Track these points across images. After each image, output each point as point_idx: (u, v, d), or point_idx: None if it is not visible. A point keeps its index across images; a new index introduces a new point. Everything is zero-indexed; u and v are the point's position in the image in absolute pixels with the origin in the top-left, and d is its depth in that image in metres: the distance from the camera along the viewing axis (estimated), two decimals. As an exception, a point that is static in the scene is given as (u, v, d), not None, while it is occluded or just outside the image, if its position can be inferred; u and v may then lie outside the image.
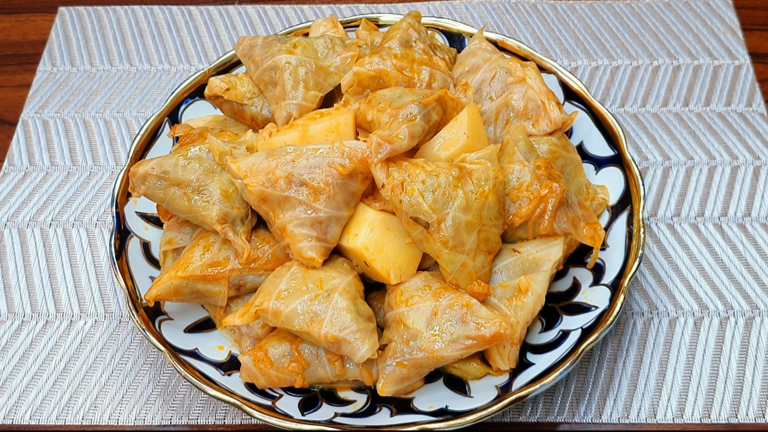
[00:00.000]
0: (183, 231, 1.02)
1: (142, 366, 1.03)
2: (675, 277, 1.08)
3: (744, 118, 1.24)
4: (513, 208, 0.95)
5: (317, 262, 0.92)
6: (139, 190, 0.97)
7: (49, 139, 1.24)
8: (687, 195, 1.16)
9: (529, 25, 1.37)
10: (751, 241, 1.12)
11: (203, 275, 0.95)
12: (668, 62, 1.31)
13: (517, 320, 0.92)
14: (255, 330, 0.96)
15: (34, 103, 1.29)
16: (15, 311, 1.08)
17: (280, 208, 0.92)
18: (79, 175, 1.21)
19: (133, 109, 1.28)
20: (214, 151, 0.96)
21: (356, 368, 0.93)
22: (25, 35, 1.40)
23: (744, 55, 1.31)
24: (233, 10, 1.41)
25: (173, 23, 1.39)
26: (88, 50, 1.36)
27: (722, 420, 0.97)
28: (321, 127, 0.96)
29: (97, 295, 1.09)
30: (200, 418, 0.99)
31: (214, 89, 1.06)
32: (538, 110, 1.02)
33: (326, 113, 0.99)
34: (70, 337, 1.05)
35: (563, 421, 0.98)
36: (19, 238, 1.14)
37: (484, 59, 1.07)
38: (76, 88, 1.31)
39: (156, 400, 1.00)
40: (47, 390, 1.01)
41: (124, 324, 1.06)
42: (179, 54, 1.35)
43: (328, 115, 0.98)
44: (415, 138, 0.93)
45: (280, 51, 1.04)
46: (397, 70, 1.02)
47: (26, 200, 1.18)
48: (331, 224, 0.92)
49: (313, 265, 0.93)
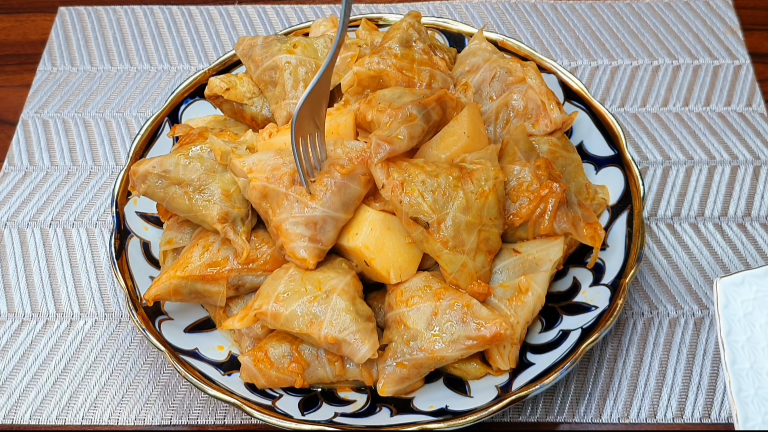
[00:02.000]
0: (183, 231, 1.02)
1: (142, 366, 1.03)
2: (675, 277, 1.08)
3: (744, 118, 1.24)
4: (513, 208, 0.95)
5: (309, 264, 0.92)
6: (140, 189, 0.97)
7: (49, 139, 1.24)
8: (687, 195, 1.16)
9: (529, 25, 1.37)
10: (751, 240, 1.12)
11: (202, 275, 0.95)
12: (668, 62, 1.31)
13: (517, 320, 0.92)
14: (255, 330, 0.96)
15: (34, 103, 1.29)
16: (15, 311, 1.08)
17: (278, 205, 0.92)
18: (79, 175, 1.21)
19: (133, 109, 1.28)
20: (216, 150, 0.96)
21: (356, 368, 0.93)
22: (25, 35, 1.40)
23: (744, 55, 1.31)
24: (233, 10, 1.41)
25: (173, 23, 1.39)
26: (88, 50, 1.36)
27: (722, 420, 0.97)
28: (321, 127, 0.97)
29: (97, 295, 1.09)
30: (200, 418, 0.99)
31: (214, 89, 1.06)
32: (538, 110, 1.02)
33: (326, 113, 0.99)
34: (70, 337, 1.05)
35: (563, 421, 0.98)
36: (19, 237, 1.14)
37: (484, 59, 1.06)
38: (76, 87, 1.31)
39: (156, 400, 1.00)
40: (47, 390, 1.01)
41: (124, 324, 1.06)
42: (179, 54, 1.35)
43: (328, 115, 0.98)
44: (415, 138, 0.93)
45: (280, 51, 1.04)
46: (397, 70, 1.02)
47: (26, 200, 1.18)
48: (326, 225, 0.92)
49: (305, 266, 0.92)
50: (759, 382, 0.85)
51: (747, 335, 0.87)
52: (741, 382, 0.84)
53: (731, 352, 0.86)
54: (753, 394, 0.84)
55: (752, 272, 0.90)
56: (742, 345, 0.86)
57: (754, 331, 0.88)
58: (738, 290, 0.89)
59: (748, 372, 0.85)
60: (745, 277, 0.89)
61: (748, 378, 0.85)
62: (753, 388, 0.84)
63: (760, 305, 0.89)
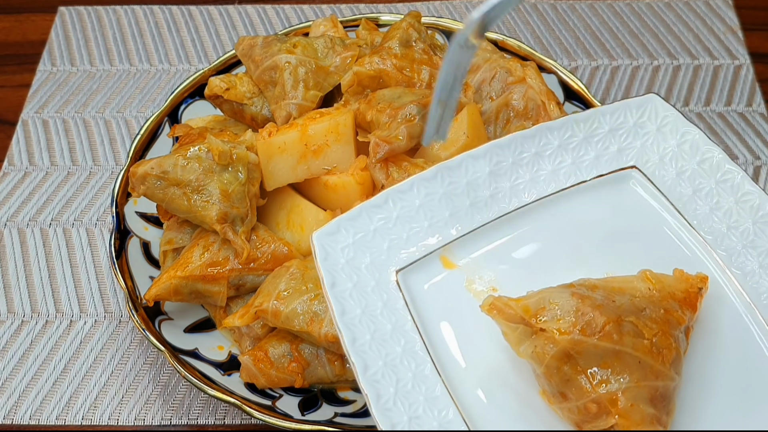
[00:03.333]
0: (183, 231, 1.02)
1: (142, 366, 1.03)
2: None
3: (744, 118, 1.24)
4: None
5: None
6: (139, 190, 0.97)
7: (49, 138, 1.24)
8: (687, 195, 1.16)
9: (529, 24, 1.37)
10: (751, 241, 1.11)
11: (202, 275, 0.95)
12: (668, 62, 1.31)
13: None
14: (255, 330, 0.96)
15: (33, 103, 1.29)
16: (15, 311, 1.08)
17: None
18: (78, 175, 1.20)
19: (132, 109, 1.28)
20: (214, 150, 0.96)
21: (356, 368, 0.93)
22: (24, 35, 1.39)
23: (744, 55, 1.31)
24: (233, 10, 1.41)
25: (173, 23, 1.39)
26: (87, 50, 1.36)
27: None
28: (321, 127, 0.96)
29: (97, 295, 1.09)
30: (200, 418, 0.99)
31: (214, 89, 1.06)
32: (538, 110, 1.02)
33: (326, 113, 0.99)
34: (69, 337, 1.05)
35: (563, 421, 0.98)
36: (19, 237, 1.14)
37: (483, 59, 1.06)
38: (76, 87, 1.31)
39: (156, 400, 1.00)
40: (47, 390, 1.01)
41: (124, 324, 1.06)
42: (179, 54, 1.35)
43: (328, 114, 0.98)
44: (414, 138, 0.93)
45: (279, 51, 1.04)
46: (397, 70, 1.02)
47: (26, 200, 1.18)
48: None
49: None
50: (374, 325, 0.81)
51: (353, 281, 0.83)
52: (354, 332, 0.79)
53: (339, 303, 0.81)
54: (369, 340, 0.80)
55: (344, 216, 0.85)
56: (350, 292, 0.82)
57: (361, 275, 0.84)
58: (335, 239, 0.84)
59: (360, 318, 0.81)
60: (340, 223, 0.85)
61: (361, 324, 0.80)
62: (369, 333, 0.80)
63: (361, 247, 0.85)
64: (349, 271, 0.83)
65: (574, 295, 0.78)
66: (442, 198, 0.88)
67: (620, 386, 0.75)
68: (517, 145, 0.91)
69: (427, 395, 0.78)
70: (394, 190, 0.87)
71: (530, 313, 0.77)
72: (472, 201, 0.89)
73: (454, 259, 0.87)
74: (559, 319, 0.76)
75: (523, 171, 0.91)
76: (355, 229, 0.85)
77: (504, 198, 0.90)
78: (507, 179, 0.90)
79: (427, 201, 0.87)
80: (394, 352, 0.79)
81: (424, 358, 0.80)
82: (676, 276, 0.83)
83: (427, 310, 0.84)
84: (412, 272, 0.86)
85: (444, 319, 0.84)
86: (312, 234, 0.84)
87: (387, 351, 0.79)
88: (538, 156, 0.91)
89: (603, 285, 0.80)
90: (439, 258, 0.87)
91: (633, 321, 0.77)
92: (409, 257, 0.86)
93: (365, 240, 0.85)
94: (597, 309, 0.77)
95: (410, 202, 0.87)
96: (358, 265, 0.84)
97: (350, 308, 0.80)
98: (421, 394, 0.78)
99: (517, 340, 0.78)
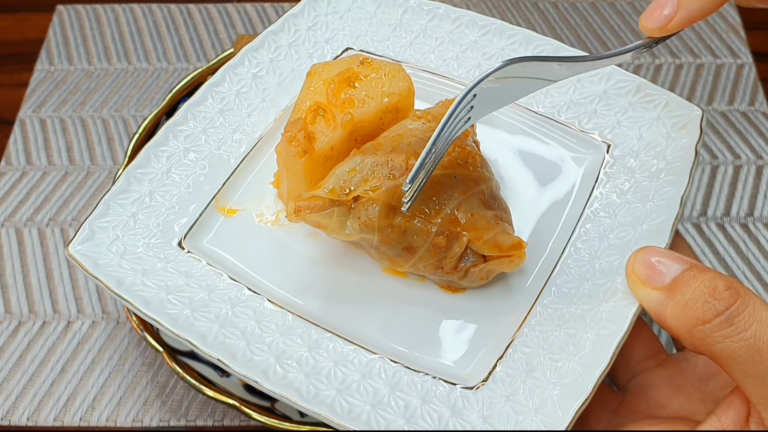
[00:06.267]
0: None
1: (140, 367, 1.02)
2: (677, 278, 1.08)
3: (746, 117, 1.23)
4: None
5: None
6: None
7: (47, 138, 1.24)
8: (689, 195, 1.15)
9: (531, 23, 1.36)
10: (753, 240, 1.11)
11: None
12: (670, 61, 1.30)
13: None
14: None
15: (31, 102, 1.28)
16: (12, 312, 1.07)
17: None
18: (76, 175, 1.20)
19: (131, 108, 1.27)
20: (213, 150, 0.95)
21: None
22: (22, 34, 1.39)
23: (746, 54, 1.31)
24: (232, 9, 1.40)
25: (171, 21, 1.39)
26: (86, 49, 1.35)
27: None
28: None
29: (95, 296, 1.08)
30: (198, 420, 0.98)
31: (212, 88, 1.06)
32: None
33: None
34: (67, 338, 1.05)
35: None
36: (17, 237, 1.13)
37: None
38: (74, 86, 1.30)
39: (154, 401, 1.00)
40: (45, 391, 1.00)
41: (122, 325, 1.06)
42: (177, 52, 1.34)
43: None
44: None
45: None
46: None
47: (23, 200, 1.17)
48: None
49: None
50: (188, 299, 0.81)
51: (139, 270, 0.83)
52: (171, 314, 0.80)
53: (136, 297, 0.80)
54: (190, 314, 0.81)
55: (92, 216, 0.85)
56: (142, 281, 0.82)
57: (143, 261, 0.84)
58: (95, 242, 0.83)
59: (168, 298, 0.82)
60: (90, 225, 0.84)
61: (172, 304, 0.81)
62: (188, 309, 0.81)
63: (129, 237, 0.85)
64: (128, 263, 0.83)
65: (364, 155, 0.80)
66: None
67: (453, 205, 0.77)
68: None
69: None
70: (132, 167, 0.89)
71: (336, 192, 0.78)
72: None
73: (232, 205, 0.90)
74: (365, 180, 0.78)
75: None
76: (113, 224, 0.85)
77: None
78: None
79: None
80: (224, 311, 0.81)
81: (243, 291, 0.83)
82: (441, 104, 0.88)
83: (234, 256, 0.86)
84: (197, 235, 0.87)
85: (251, 257, 0.87)
86: (66, 250, 0.81)
87: (215, 313, 0.80)
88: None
89: (383, 140, 0.82)
90: (216, 210, 0.89)
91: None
92: (188, 223, 0.87)
93: (128, 229, 0.85)
94: (392, 154, 0.79)
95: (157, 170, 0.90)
96: (135, 253, 0.83)
97: (152, 295, 0.80)
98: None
99: (339, 224, 0.79)
